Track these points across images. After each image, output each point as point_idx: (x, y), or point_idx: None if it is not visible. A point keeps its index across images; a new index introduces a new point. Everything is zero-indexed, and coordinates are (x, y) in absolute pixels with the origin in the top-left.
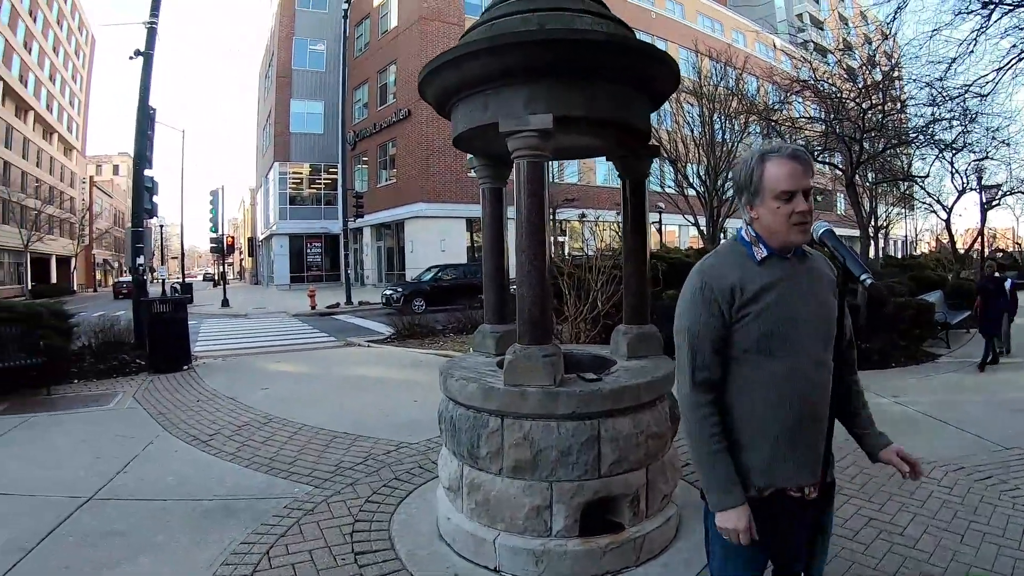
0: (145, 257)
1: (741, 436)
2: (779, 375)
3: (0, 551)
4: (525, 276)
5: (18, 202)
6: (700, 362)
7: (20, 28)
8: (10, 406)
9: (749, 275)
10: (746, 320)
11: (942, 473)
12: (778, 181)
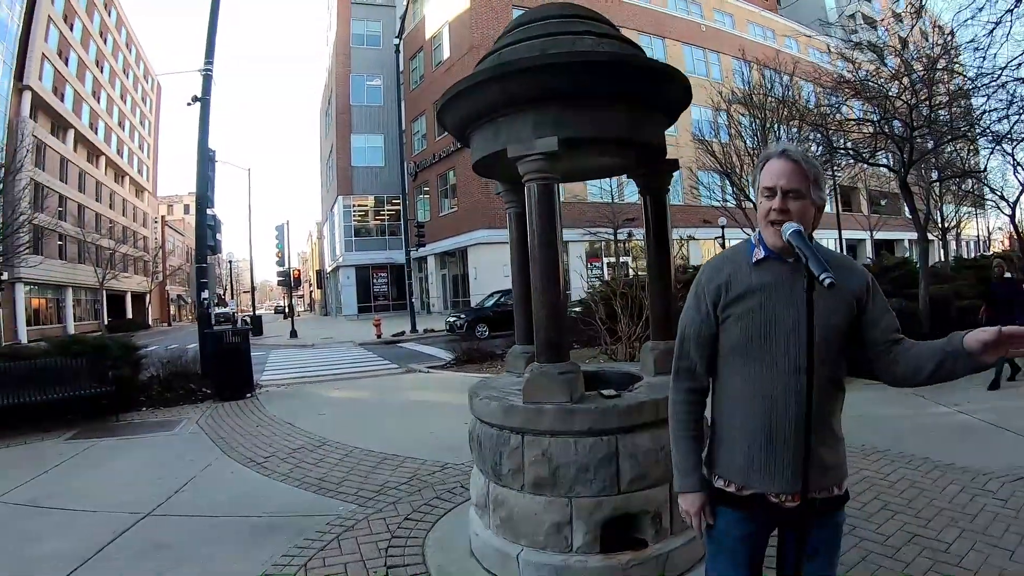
0: (210, 291)
1: (723, 432)
2: (757, 379)
3: (61, 559)
4: (540, 296)
5: (93, 242)
6: (683, 353)
7: (88, 79)
8: (80, 431)
9: (738, 276)
10: (729, 321)
11: (998, 484)
12: (765, 178)
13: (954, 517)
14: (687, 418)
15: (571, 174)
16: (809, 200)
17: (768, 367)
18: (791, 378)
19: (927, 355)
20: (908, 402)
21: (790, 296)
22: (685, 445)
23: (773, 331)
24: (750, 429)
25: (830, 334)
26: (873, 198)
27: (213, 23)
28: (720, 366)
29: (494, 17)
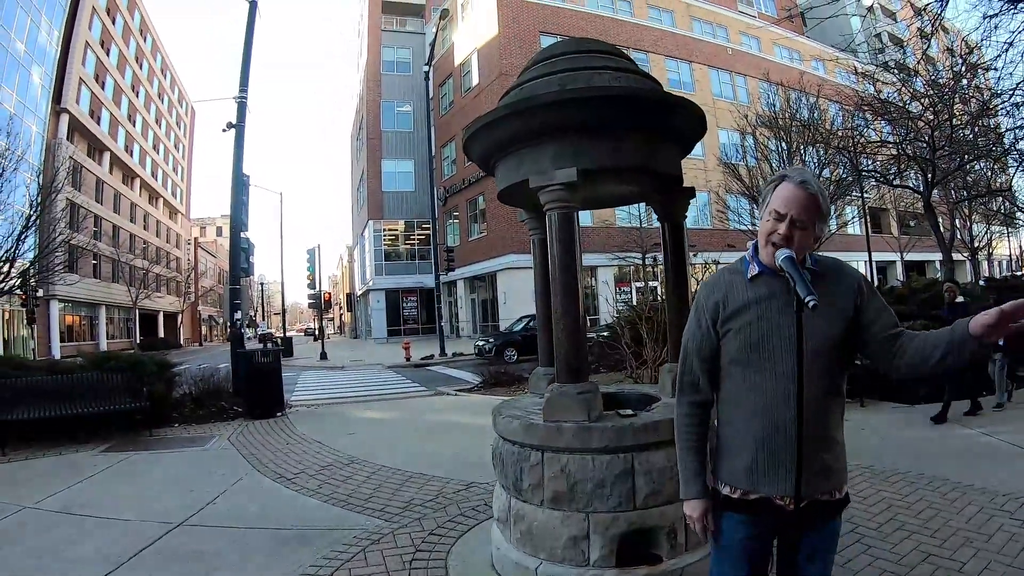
0: (242, 313)
1: (729, 441)
2: (757, 388)
3: (94, 563)
4: (560, 320)
5: (127, 262)
6: (687, 368)
7: (124, 103)
8: (115, 444)
9: (735, 292)
10: (729, 335)
11: (1016, 505)
12: (777, 201)
13: (970, 537)
14: (690, 430)
15: (590, 202)
16: (812, 231)
17: (767, 376)
18: (788, 385)
19: (933, 343)
20: (931, 424)
21: (785, 308)
22: (689, 455)
23: (770, 342)
24: (753, 436)
25: (824, 344)
26: (903, 219)
27: (247, 54)
28: (722, 378)
29: (522, 44)
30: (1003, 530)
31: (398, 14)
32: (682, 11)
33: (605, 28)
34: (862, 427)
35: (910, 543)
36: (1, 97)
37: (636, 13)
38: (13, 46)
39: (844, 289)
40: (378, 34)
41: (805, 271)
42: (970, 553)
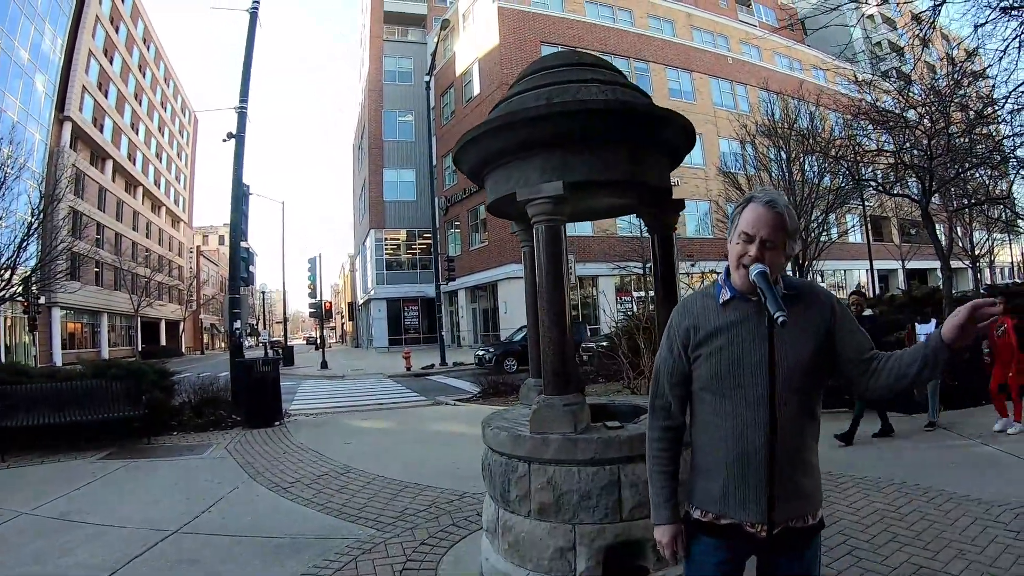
0: (242, 322)
1: (701, 465)
2: (729, 413)
3: (90, 569)
4: (547, 332)
5: (129, 270)
6: (659, 392)
7: (127, 111)
8: (114, 451)
9: (706, 317)
10: (700, 360)
11: (1011, 516)
12: (745, 223)
13: (963, 549)
14: (661, 454)
15: (579, 214)
16: (782, 251)
17: (738, 402)
18: (759, 410)
19: (908, 360)
20: (929, 435)
21: (756, 333)
22: (660, 480)
23: (741, 367)
24: (724, 461)
25: (797, 367)
26: (904, 227)
27: (247, 65)
28: (695, 403)
29: (523, 54)
30: (996, 542)
31: (400, 24)
32: (683, 21)
33: (606, 38)
34: (858, 437)
35: (902, 555)
36: (5, 105)
37: (637, 23)
38: (17, 54)
39: (817, 311)
40: (380, 44)
41: (778, 288)
42: (962, 565)
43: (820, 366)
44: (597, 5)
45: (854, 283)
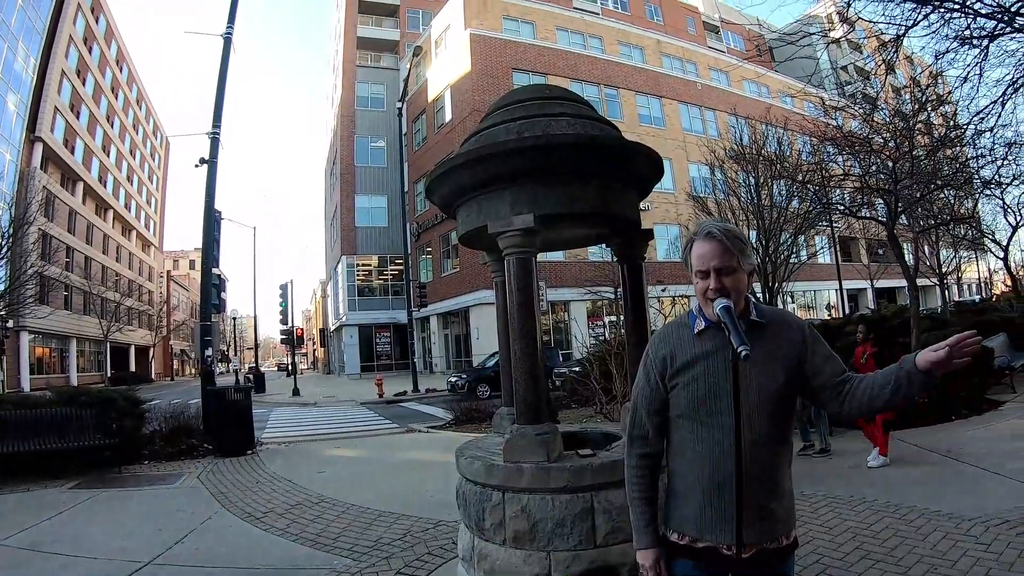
0: (213, 349)
1: (677, 490)
2: (704, 440)
3: None
4: (518, 362)
5: (99, 295)
6: (637, 422)
7: (99, 133)
8: (84, 481)
9: (682, 347)
10: (677, 389)
11: (982, 529)
12: (696, 261)
13: (935, 564)
14: (641, 481)
15: (549, 245)
16: (741, 271)
17: (713, 429)
18: (735, 436)
19: (881, 382)
20: (901, 451)
21: (727, 362)
22: (640, 505)
23: (717, 395)
24: (700, 486)
25: (767, 394)
26: (872, 248)
27: (221, 91)
28: (671, 430)
29: (494, 81)
30: (968, 555)
31: (373, 50)
32: (652, 47)
33: (576, 64)
34: (830, 456)
35: (875, 572)
36: None
37: (607, 49)
38: None
39: (788, 339)
40: (352, 70)
41: (741, 321)
42: None
43: (790, 393)
44: (568, 32)
45: (824, 304)
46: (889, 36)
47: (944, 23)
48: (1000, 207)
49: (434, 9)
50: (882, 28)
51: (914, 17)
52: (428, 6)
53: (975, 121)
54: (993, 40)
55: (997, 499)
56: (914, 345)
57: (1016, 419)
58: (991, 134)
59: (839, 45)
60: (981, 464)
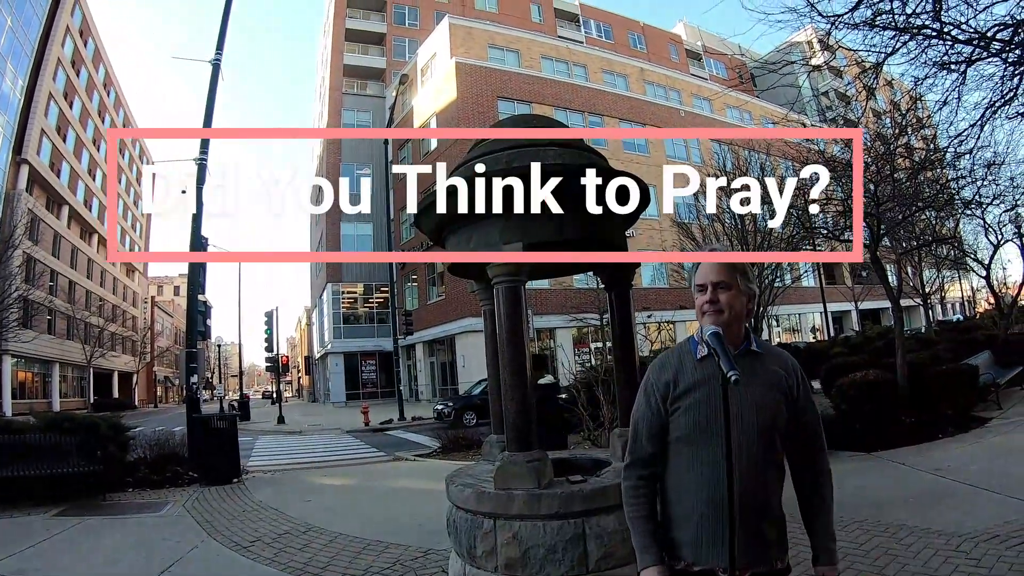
0: (199, 376)
1: (675, 513)
2: (703, 463)
3: None
4: (508, 391)
5: (82, 319)
6: (637, 446)
7: (85, 156)
8: (68, 508)
9: (684, 372)
10: (678, 412)
11: (971, 545)
12: (697, 276)
13: None
14: (641, 501)
15: (538, 273)
16: (737, 290)
17: (712, 453)
18: (735, 462)
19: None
20: (888, 471)
21: (720, 387)
22: (641, 525)
23: (717, 419)
24: (696, 510)
25: (760, 419)
26: (855, 270)
27: (208, 116)
28: (670, 454)
29: (479, 109)
30: (959, 570)
31: (359, 78)
32: (636, 75)
33: (561, 93)
34: None
35: None
36: None
37: (591, 78)
38: None
39: (782, 370)
40: (339, 97)
41: (734, 348)
42: None
43: (782, 421)
44: (552, 61)
45: (809, 327)
46: (869, 63)
47: (923, 50)
48: (981, 226)
49: (420, 37)
50: (862, 56)
51: (893, 44)
52: (414, 35)
53: (954, 144)
54: (971, 65)
55: (987, 515)
56: (899, 364)
57: (1003, 435)
58: (970, 156)
59: (820, 71)
60: (970, 481)
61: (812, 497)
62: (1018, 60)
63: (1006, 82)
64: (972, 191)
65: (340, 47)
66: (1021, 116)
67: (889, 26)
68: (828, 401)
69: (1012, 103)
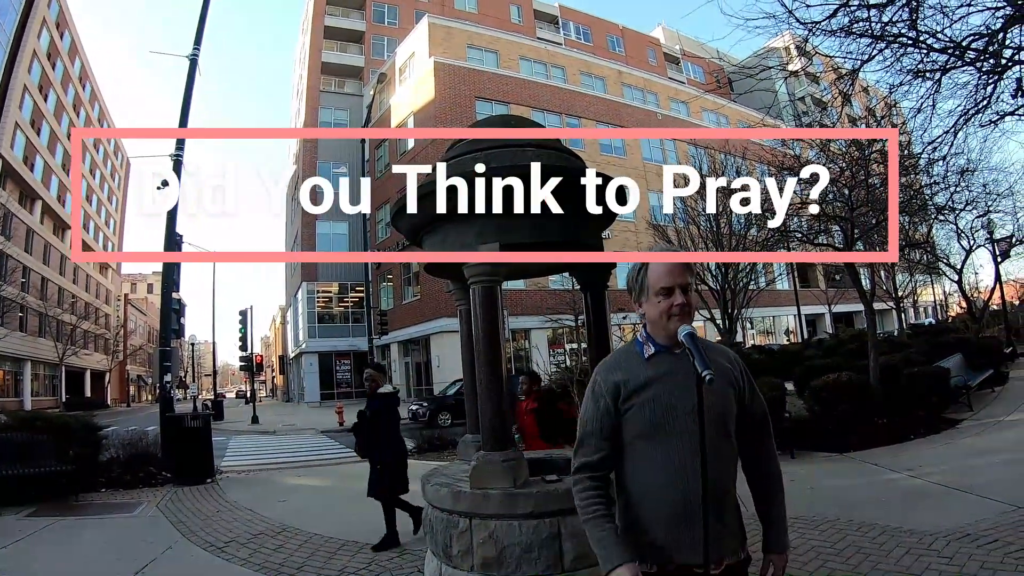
0: (172, 375)
1: (639, 514)
2: (663, 460)
3: None
4: (484, 390)
5: (54, 317)
6: (588, 449)
7: (59, 151)
8: (40, 509)
9: (635, 372)
10: (631, 412)
11: (944, 543)
12: (660, 279)
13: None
14: (599, 499)
15: (514, 273)
16: (693, 290)
17: (672, 450)
18: (693, 458)
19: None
20: (862, 471)
21: (684, 383)
22: (604, 523)
23: (675, 415)
24: (664, 509)
25: (721, 415)
26: (829, 273)
27: (185, 112)
28: (626, 455)
29: (457, 109)
30: (931, 568)
31: (337, 76)
32: (614, 78)
33: (539, 94)
34: (792, 478)
35: None
36: None
37: (569, 80)
38: None
39: (728, 363)
40: (316, 95)
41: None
42: None
43: (734, 411)
44: (531, 62)
45: (783, 329)
46: (846, 69)
47: (898, 58)
48: (954, 232)
49: (400, 36)
50: (839, 62)
51: (870, 52)
52: (394, 33)
53: (928, 150)
54: (945, 73)
55: (958, 514)
56: (872, 366)
57: (974, 436)
58: (944, 163)
59: (797, 77)
60: (942, 481)
61: (765, 484)
62: (992, 69)
63: (980, 91)
64: (945, 197)
65: (319, 44)
66: (994, 124)
67: (866, 33)
68: (802, 402)
69: (985, 111)
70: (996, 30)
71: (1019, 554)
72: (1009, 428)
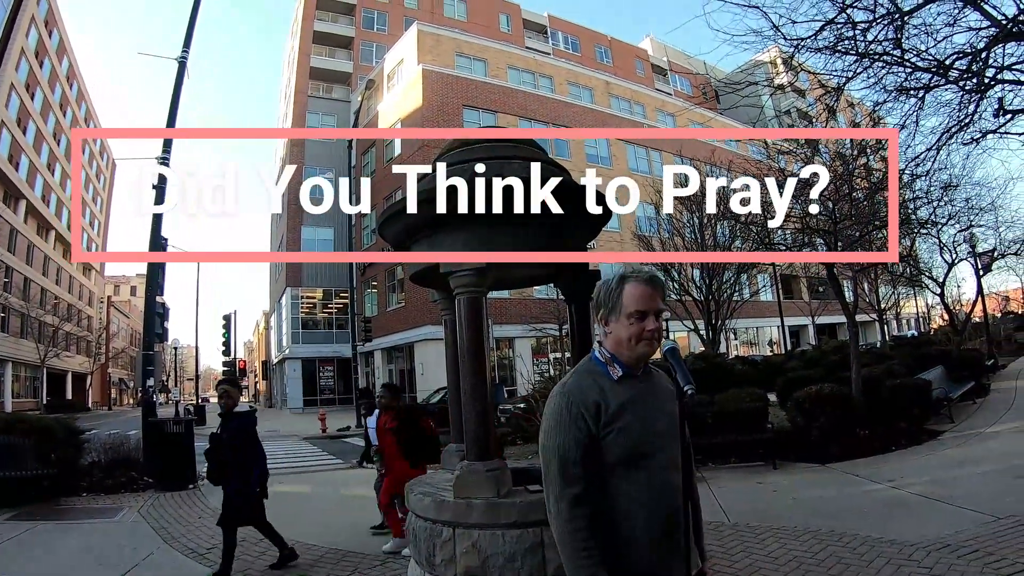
0: (155, 379)
1: (621, 539)
2: (647, 483)
3: None
4: (468, 400)
5: (36, 318)
6: (572, 477)
7: (44, 150)
8: (20, 512)
9: (610, 393)
10: (611, 435)
11: (924, 554)
12: (634, 302)
13: None
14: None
15: (499, 284)
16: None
17: (655, 471)
18: (674, 476)
19: None
20: (843, 482)
21: (656, 405)
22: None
23: (654, 437)
24: (651, 528)
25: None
26: (812, 285)
27: (173, 115)
28: (608, 479)
29: (445, 116)
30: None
31: (325, 81)
32: (601, 88)
33: (526, 103)
34: (774, 488)
35: None
36: None
37: (557, 89)
38: None
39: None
40: (304, 100)
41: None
42: None
43: None
44: (519, 71)
45: (766, 340)
46: (831, 85)
47: (883, 76)
48: (936, 245)
49: (388, 43)
50: (824, 78)
51: (855, 69)
52: (383, 40)
53: (912, 166)
54: (929, 91)
55: (938, 525)
56: (855, 378)
57: (955, 448)
58: (927, 178)
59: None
60: (923, 492)
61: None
62: (975, 88)
63: (963, 108)
64: (928, 211)
65: (307, 49)
66: (976, 142)
67: (851, 51)
68: (784, 414)
69: (968, 128)
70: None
71: (998, 564)
72: (990, 439)
